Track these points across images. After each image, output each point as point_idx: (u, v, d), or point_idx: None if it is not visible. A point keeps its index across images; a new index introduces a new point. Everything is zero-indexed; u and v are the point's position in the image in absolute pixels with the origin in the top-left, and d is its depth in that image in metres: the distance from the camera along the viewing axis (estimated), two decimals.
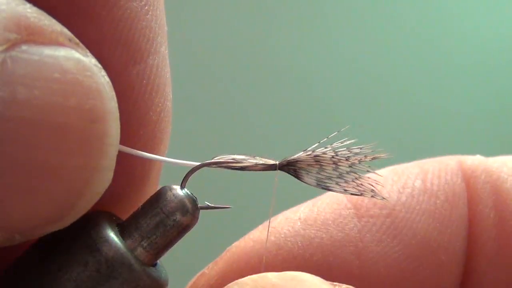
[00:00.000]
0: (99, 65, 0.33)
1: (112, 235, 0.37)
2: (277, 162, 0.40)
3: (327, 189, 0.40)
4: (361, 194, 0.40)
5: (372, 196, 0.40)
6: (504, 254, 0.45)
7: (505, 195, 0.45)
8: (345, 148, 0.40)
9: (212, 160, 0.40)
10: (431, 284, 0.44)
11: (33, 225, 0.33)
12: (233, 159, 0.40)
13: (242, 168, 0.40)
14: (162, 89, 0.38)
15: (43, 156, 0.31)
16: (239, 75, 1.61)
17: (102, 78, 0.33)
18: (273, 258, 0.43)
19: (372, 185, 0.40)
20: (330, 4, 1.67)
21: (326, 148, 0.40)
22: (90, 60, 0.33)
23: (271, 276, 0.36)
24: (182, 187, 0.39)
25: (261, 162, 0.40)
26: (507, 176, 0.46)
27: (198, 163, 0.39)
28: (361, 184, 0.40)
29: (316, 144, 0.40)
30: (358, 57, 1.65)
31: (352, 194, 0.40)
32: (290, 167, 0.40)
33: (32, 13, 0.31)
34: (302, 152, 0.40)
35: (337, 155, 0.40)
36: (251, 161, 0.40)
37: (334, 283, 0.38)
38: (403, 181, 0.45)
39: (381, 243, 0.43)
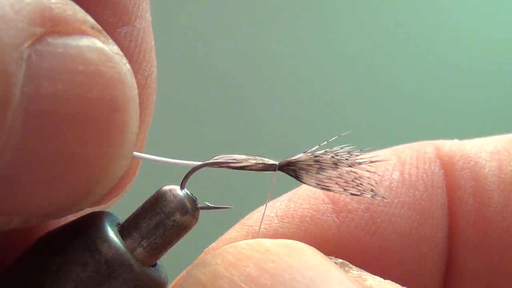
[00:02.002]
0: (121, 53, 0.34)
1: (112, 235, 0.37)
2: (277, 163, 0.40)
3: (327, 189, 0.40)
4: (361, 194, 0.40)
5: (372, 196, 0.40)
6: (484, 241, 0.44)
7: (484, 181, 0.44)
8: (346, 152, 0.40)
9: (212, 160, 0.40)
10: (414, 277, 0.43)
11: (50, 211, 0.33)
12: (234, 159, 0.40)
13: (242, 168, 0.40)
14: (149, 55, 0.38)
15: (64, 147, 0.32)
16: (241, 76, 1.61)
17: (124, 66, 0.33)
18: None
19: (371, 185, 0.40)
20: (333, 7, 1.66)
21: (326, 151, 0.40)
22: (112, 48, 0.33)
23: (266, 241, 0.35)
24: (182, 187, 0.39)
25: (261, 162, 0.40)
26: (485, 162, 0.45)
27: (198, 163, 0.39)
28: (361, 184, 0.40)
29: (316, 147, 0.40)
30: (360, 59, 1.65)
31: (352, 194, 0.40)
32: (290, 167, 0.40)
33: (56, 3, 0.31)
34: (302, 154, 0.40)
35: (336, 155, 0.40)
36: (251, 161, 0.40)
37: (330, 256, 0.38)
38: (380, 173, 0.44)
39: (360, 239, 0.42)
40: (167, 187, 0.39)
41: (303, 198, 0.44)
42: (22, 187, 0.31)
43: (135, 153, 0.36)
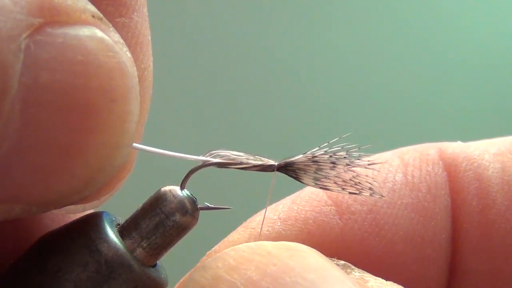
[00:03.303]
0: (122, 41, 0.34)
1: (112, 236, 0.37)
2: (276, 163, 0.40)
3: (326, 188, 0.40)
4: (359, 193, 0.40)
5: (370, 195, 0.40)
6: (487, 242, 0.44)
7: (487, 182, 0.45)
8: (344, 151, 0.40)
9: (212, 160, 0.40)
10: (417, 279, 0.43)
11: (51, 199, 0.33)
12: (233, 158, 0.40)
13: (241, 168, 0.40)
14: (146, 48, 0.38)
15: (63, 137, 0.32)
16: (240, 76, 1.61)
17: (124, 55, 0.33)
18: None
19: (370, 183, 0.40)
20: (334, 7, 1.66)
21: (325, 151, 0.40)
22: (113, 37, 0.33)
23: (268, 244, 0.35)
24: (181, 188, 0.39)
25: (260, 162, 0.40)
26: (488, 163, 0.45)
27: (197, 157, 0.39)
28: (359, 183, 0.40)
29: (316, 149, 0.40)
30: (362, 60, 1.65)
31: (350, 193, 0.40)
32: (289, 168, 0.40)
33: None
34: (301, 155, 0.40)
35: (335, 154, 0.40)
36: (251, 161, 0.40)
37: (332, 258, 0.38)
38: (383, 175, 0.44)
39: (363, 241, 0.42)
40: (167, 188, 0.39)
41: (305, 200, 0.44)
42: (21, 176, 0.31)
43: (134, 144, 0.36)
